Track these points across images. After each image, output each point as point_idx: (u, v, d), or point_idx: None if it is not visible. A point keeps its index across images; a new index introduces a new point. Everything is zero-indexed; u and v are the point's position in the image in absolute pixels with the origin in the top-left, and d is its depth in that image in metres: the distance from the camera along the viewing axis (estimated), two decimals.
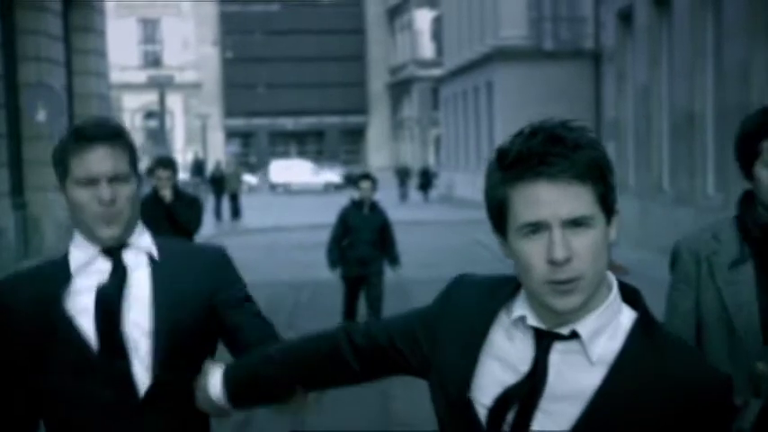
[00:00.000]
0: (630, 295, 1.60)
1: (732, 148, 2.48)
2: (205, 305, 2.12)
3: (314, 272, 13.77)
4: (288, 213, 27.48)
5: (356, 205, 8.68)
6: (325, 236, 9.20)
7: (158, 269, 2.11)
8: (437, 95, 43.86)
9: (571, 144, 1.48)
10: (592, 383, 1.52)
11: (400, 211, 27.13)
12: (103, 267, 2.08)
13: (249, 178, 45.08)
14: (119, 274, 2.05)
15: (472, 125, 32.79)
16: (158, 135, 35.86)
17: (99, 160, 2.04)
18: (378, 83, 61.18)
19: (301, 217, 25.62)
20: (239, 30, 58.83)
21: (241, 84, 59.27)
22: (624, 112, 16.92)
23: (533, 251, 1.49)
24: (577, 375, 1.54)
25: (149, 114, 53.17)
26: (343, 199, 10.24)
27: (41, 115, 11.54)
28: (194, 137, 51.84)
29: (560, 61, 27.59)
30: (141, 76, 51.50)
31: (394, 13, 59.14)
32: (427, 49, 53.76)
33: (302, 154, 60.84)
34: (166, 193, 7.26)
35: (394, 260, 8.87)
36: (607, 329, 1.55)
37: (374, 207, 8.72)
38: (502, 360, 1.60)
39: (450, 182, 35.50)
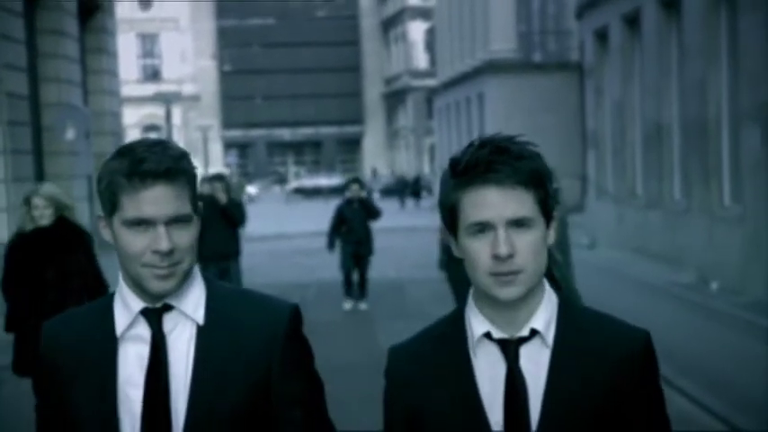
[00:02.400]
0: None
1: (697, 156, 3.23)
2: (252, 393, 1.77)
3: (317, 273, 14.83)
4: (288, 222, 28.12)
5: (348, 202, 11.33)
6: (324, 242, 11.77)
7: (203, 340, 1.77)
8: (431, 105, 44.32)
9: (515, 154, 1.60)
10: (545, 368, 1.66)
11: (399, 218, 28.31)
12: (145, 334, 1.77)
13: (249, 188, 46.06)
14: (160, 354, 1.75)
15: (465, 134, 33.14)
16: None
17: (156, 201, 1.69)
18: (373, 93, 61.66)
19: (301, 225, 26.25)
20: (237, 43, 59.36)
21: (239, 96, 59.72)
22: (602, 123, 17.65)
23: (480, 248, 1.60)
24: (539, 367, 1.66)
25: (149, 128, 53.79)
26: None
27: (70, 134, 12.58)
28: (193, 149, 52.36)
29: (548, 73, 28.10)
30: (141, 90, 52.32)
31: (388, 25, 59.60)
32: (421, 60, 54.33)
33: (299, 164, 61.62)
34: (222, 196, 9.86)
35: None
36: (554, 318, 1.68)
37: (363, 201, 11.46)
38: (491, 379, 1.67)
39: None
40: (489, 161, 1.59)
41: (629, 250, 15.41)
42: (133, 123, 51.34)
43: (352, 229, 11.24)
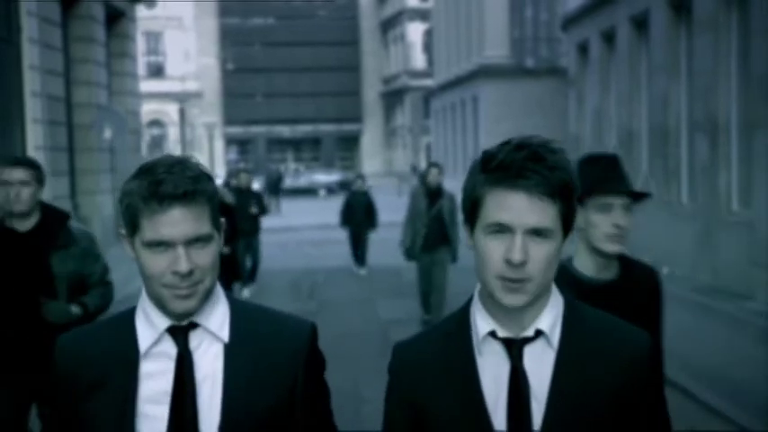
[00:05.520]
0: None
1: (660, 159, 4.05)
2: (278, 408, 1.80)
3: (325, 262, 16.35)
4: (294, 216, 28.98)
5: (354, 193, 14.80)
6: (329, 235, 14.13)
7: (230, 358, 1.79)
8: (428, 104, 44.83)
9: (549, 164, 1.57)
10: (549, 369, 1.65)
11: (399, 212, 29.46)
12: (170, 351, 1.78)
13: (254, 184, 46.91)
14: (185, 372, 1.75)
15: (459, 135, 34.41)
16: (183, 145, 38.26)
17: (174, 223, 1.69)
18: (371, 92, 61.74)
19: (307, 218, 27.33)
20: (238, 42, 59.46)
21: (240, 93, 59.89)
22: (583, 129, 18.68)
23: (495, 248, 1.58)
24: (544, 367, 1.66)
25: (153, 123, 54.56)
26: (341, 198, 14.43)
27: (108, 133, 14.00)
28: (195, 145, 52.75)
29: (539, 78, 28.93)
30: (145, 87, 52.85)
31: (387, 26, 59.86)
32: (419, 61, 54.62)
33: (299, 161, 61.28)
34: (252, 186, 12.77)
35: (372, 225, 14.56)
36: (559, 319, 1.67)
37: (364, 193, 14.73)
38: (495, 378, 1.66)
39: None
40: (523, 167, 1.57)
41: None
42: None
43: (354, 214, 14.47)
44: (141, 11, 22.03)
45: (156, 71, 58.01)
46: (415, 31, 55.17)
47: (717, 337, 9.03)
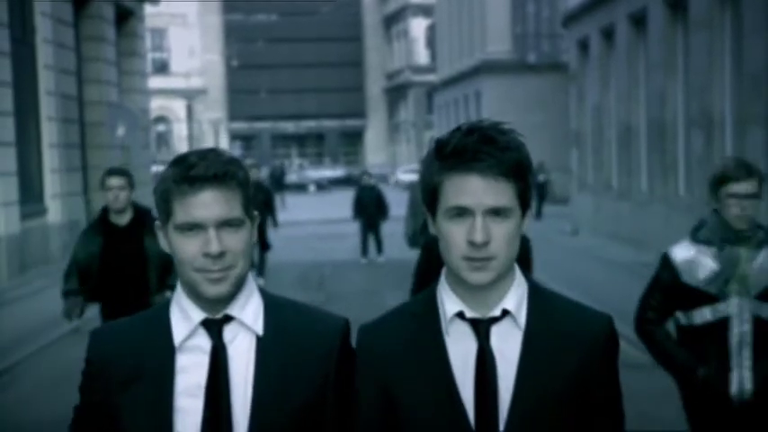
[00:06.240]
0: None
1: (658, 154, 4.63)
2: (311, 403, 1.79)
3: (332, 255, 16.72)
4: (298, 211, 29.28)
5: (363, 188, 15.76)
6: (334, 229, 14.67)
7: (263, 351, 1.78)
8: (431, 99, 45.26)
9: (502, 145, 1.61)
10: (517, 349, 1.70)
11: (401, 206, 29.69)
12: (204, 345, 1.77)
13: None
14: (220, 365, 1.75)
15: None
16: (191, 141, 38.45)
17: (206, 204, 1.70)
18: (375, 88, 61.95)
19: (311, 214, 27.71)
20: (242, 38, 59.58)
21: (244, 89, 60.05)
22: (583, 124, 19.01)
23: (457, 231, 1.63)
24: (511, 347, 1.70)
25: (158, 119, 54.74)
26: (343, 193, 14.99)
27: (121, 131, 14.38)
28: (200, 141, 52.88)
29: (540, 73, 29.23)
30: (149, 84, 52.96)
31: (390, 22, 60.01)
32: (422, 56, 54.71)
33: (303, 156, 61.50)
34: (264, 182, 12.80)
35: (384, 216, 15.43)
36: (524, 300, 1.72)
37: (372, 187, 15.69)
38: (463, 358, 1.69)
39: None
40: (476, 150, 1.60)
41: (604, 236, 16.86)
42: None
43: (365, 207, 15.41)
44: (146, 8, 22.30)
45: (161, 68, 57.87)
46: (417, 27, 55.26)
47: None
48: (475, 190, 1.61)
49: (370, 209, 15.39)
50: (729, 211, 3.56)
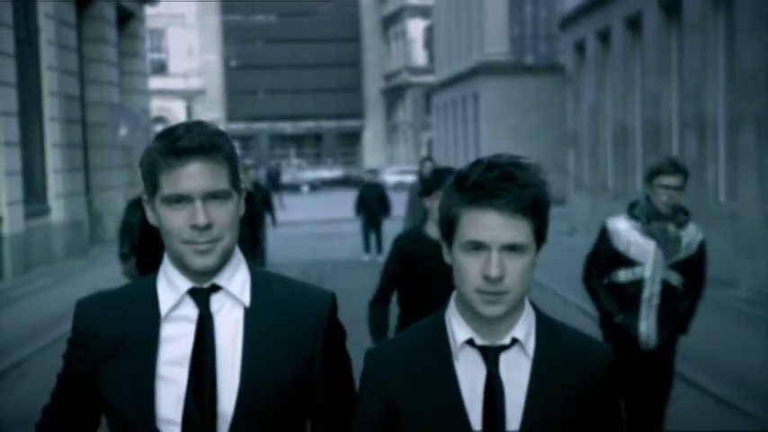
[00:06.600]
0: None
1: (653, 155, 5.10)
2: (298, 375, 1.78)
3: (331, 254, 16.87)
4: (296, 211, 29.36)
5: (366, 186, 16.12)
6: (332, 228, 14.33)
7: (251, 322, 1.77)
8: (429, 100, 45.19)
9: (521, 182, 1.64)
10: (525, 376, 1.74)
11: (400, 206, 29.79)
12: (191, 314, 1.76)
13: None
14: (206, 334, 1.74)
15: (460, 131, 34.69)
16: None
17: (192, 176, 1.68)
18: (373, 89, 61.83)
19: (307, 213, 27.81)
20: (241, 39, 59.57)
21: (242, 90, 60.08)
22: (580, 125, 19.13)
23: (472, 264, 1.66)
24: (519, 374, 1.74)
25: (156, 120, 54.76)
26: (344, 193, 15.18)
27: (123, 131, 14.54)
28: None
29: (538, 75, 29.29)
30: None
31: (388, 23, 59.95)
32: (420, 57, 54.70)
33: (301, 156, 61.39)
34: (261, 182, 12.69)
35: (386, 213, 15.70)
36: (532, 329, 1.76)
37: (376, 185, 16.15)
38: (471, 384, 1.73)
39: None
40: (495, 186, 1.63)
41: None
42: None
43: (368, 204, 15.73)
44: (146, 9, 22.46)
45: (160, 68, 57.69)
46: (415, 28, 55.27)
47: (704, 321, 9.55)
48: (492, 226, 1.64)
49: (372, 206, 15.68)
50: (659, 198, 4.49)
